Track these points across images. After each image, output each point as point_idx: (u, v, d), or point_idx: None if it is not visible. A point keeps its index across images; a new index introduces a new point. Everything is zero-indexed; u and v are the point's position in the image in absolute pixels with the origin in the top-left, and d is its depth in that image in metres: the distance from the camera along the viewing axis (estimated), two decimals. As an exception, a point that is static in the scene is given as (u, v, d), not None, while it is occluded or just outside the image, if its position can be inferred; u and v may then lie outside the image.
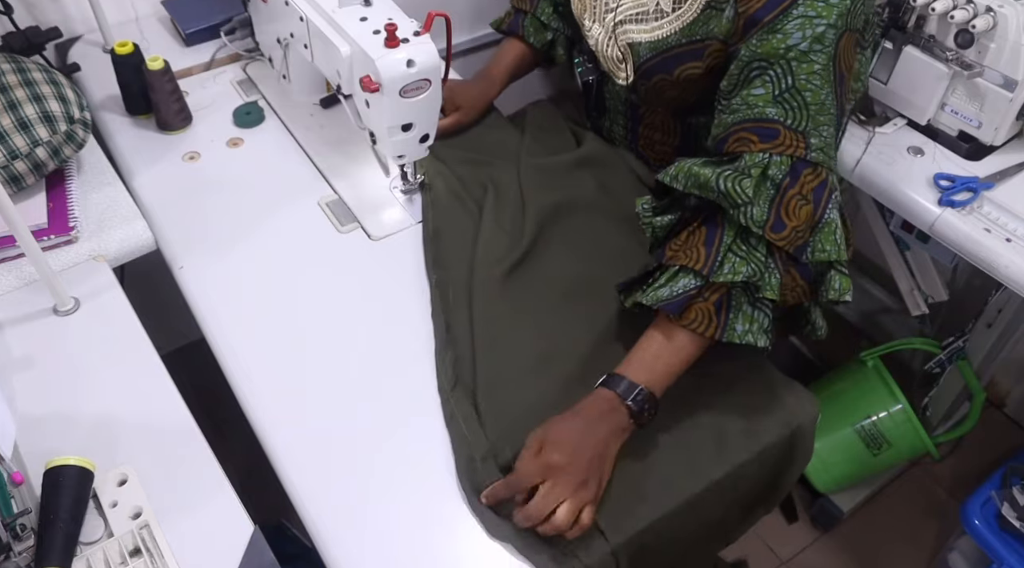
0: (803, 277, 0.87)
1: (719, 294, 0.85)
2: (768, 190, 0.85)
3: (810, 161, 0.86)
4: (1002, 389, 1.78)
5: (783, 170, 0.85)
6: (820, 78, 0.85)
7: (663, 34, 0.98)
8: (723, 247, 0.85)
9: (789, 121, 0.85)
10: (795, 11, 0.84)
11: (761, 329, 0.86)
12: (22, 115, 1.04)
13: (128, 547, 0.75)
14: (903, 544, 1.62)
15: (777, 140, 0.85)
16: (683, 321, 0.85)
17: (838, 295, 0.88)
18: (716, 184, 0.85)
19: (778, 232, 0.84)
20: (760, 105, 0.86)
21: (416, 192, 1.14)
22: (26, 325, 0.95)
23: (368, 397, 0.90)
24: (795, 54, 0.85)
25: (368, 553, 0.78)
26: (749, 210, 0.84)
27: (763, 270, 0.85)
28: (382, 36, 0.92)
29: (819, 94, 0.85)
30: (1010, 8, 1.04)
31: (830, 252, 0.87)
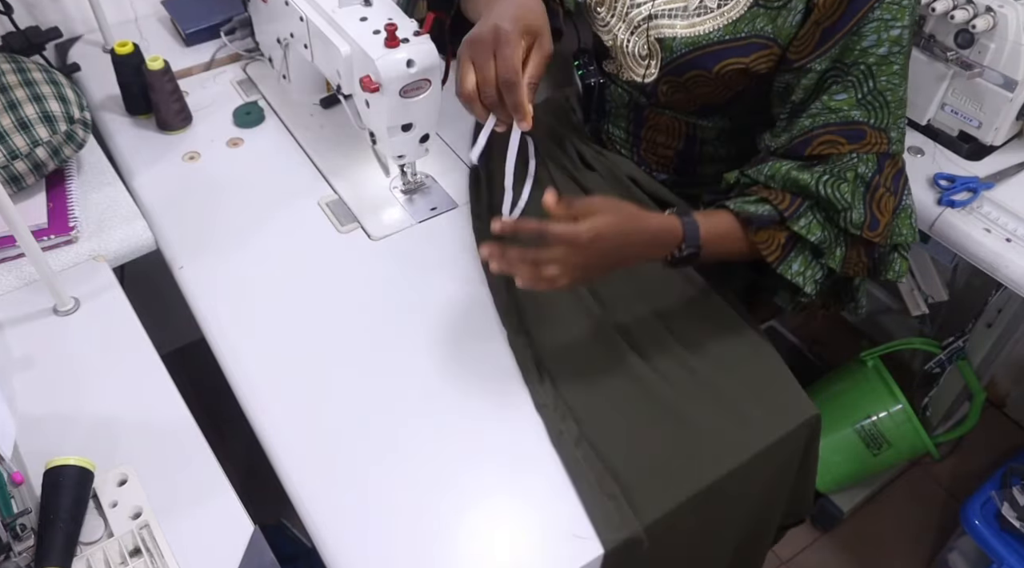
0: (868, 255, 0.92)
1: (790, 232, 0.90)
2: (859, 189, 0.89)
3: (891, 153, 0.90)
4: (1002, 389, 1.78)
5: (872, 167, 0.89)
6: (899, 77, 0.88)
7: (705, 29, 0.95)
8: (807, 204, 0.89)
9: (873, 121, 0.89)
10: (872, 15, 0.85)
11: (813, 279, 0.91)
12: (22, 115, 1.04)
13: (128, 547, 0.75)
14: (903, 544, 1.62)
15: (864, 140, 0.89)
16: (756, 237, 0.90)
17: (896, 276, 0.94)
18: (816, 189, 0.88)
19: (874, 230, 0.89)
20: (845, 109, 0.89)
21: (416, 192, 1.14)
22: (26, 325, 0.95)
23: (368, 397, 0.90)
24: (875, 59, 0.87)
25: (368, 553, 0.78)
26: (849, 215, 0.88)
27: (833, 241, 0.90)
28: (382, 36, 0.92)
29: (898, 92, 0.89)
30: (1010, 8, 1.04)
31: (907, 236, 0.92)
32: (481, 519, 0.81)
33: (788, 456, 0.92)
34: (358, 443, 0.86)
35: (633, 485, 0.81)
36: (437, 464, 0.84)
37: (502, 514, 0.82)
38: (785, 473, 0.95)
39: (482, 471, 0.84)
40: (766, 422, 0.89)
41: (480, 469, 0.84)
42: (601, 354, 0.93)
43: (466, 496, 0.82)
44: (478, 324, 0.97)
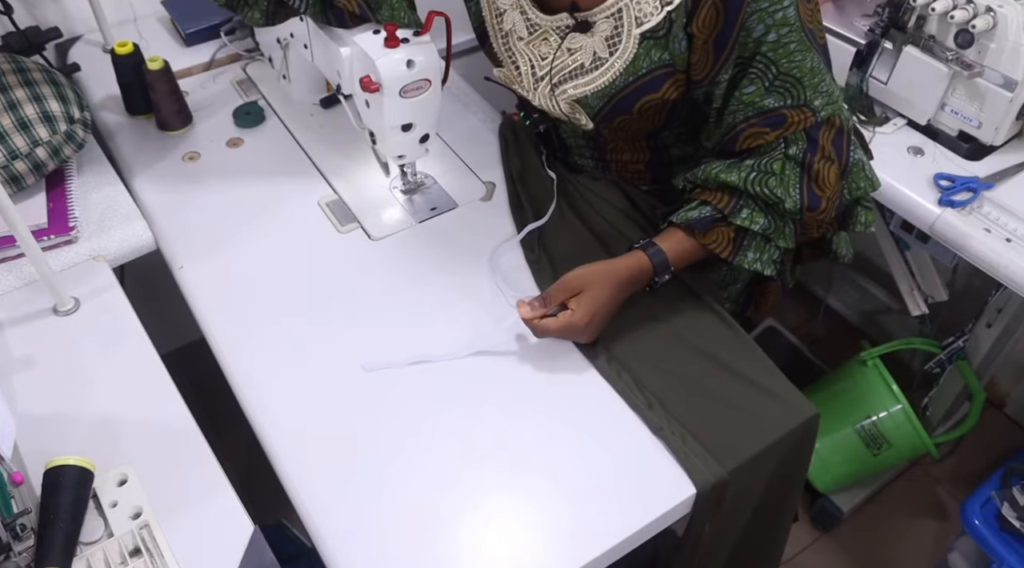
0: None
1: (740, 227, 0.93)
2: (792, 174, 0.90)
3: (821, 121, 0.89)
4: (1002, 389, 1.78)
5: (802, 145, 0.90)
6: (799, 53, 0.87)
7: (608, 79, 0.97)
8: (746, 194, 0.91)
9: (789, 101, 0.88)
10: (750, 9, 0.85)
11: (770, 260, 0.95)
12: (22, 115, 1.04)
13: (128, 547, 0.75)
14: (903, 544, 1.62)
15: (786, 123, 0.89)
16: (705, 240, 0.94)
17: (864, 227, 0.96)
18: (746, 188, 0.91)
19: (815, 209, 0.90)
20: (757, 100, 0.89)
21: (416, 192, 1.14)
22: (26, 325, 0.95)
23: (368, 397, 0.90)
24: (768, 46, 0.86)
25: (368, 553, 0.78)
26: (782, 206, 0.90)
27: (779, 223, 0.92)
28: (382, 36, 0.92)
29: (805, 65, 0.88)
30: (1010, 8, 1.04)
31: (864, 188, 0.94)
32: (481, 519, 0.81)
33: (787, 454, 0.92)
34: (358, 443, 0.86)
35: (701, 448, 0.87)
36: (437, 464, 0.84)
37: (502, 514, 0.82)
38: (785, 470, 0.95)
39: (482, 471, 0.84)
40: (769, 420, 0.89)
41: (480, 469, 0.84)
42: (647, 346, 0.96)
43: (466, 496, 0.82)
44: (478, 324, 0.97)
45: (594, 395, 0.91)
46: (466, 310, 0.99)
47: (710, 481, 0.83)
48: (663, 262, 0.94)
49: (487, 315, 0.98)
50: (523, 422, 0.88)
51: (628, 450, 0.86)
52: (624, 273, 0.92)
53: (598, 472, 0.84)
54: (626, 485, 0.84)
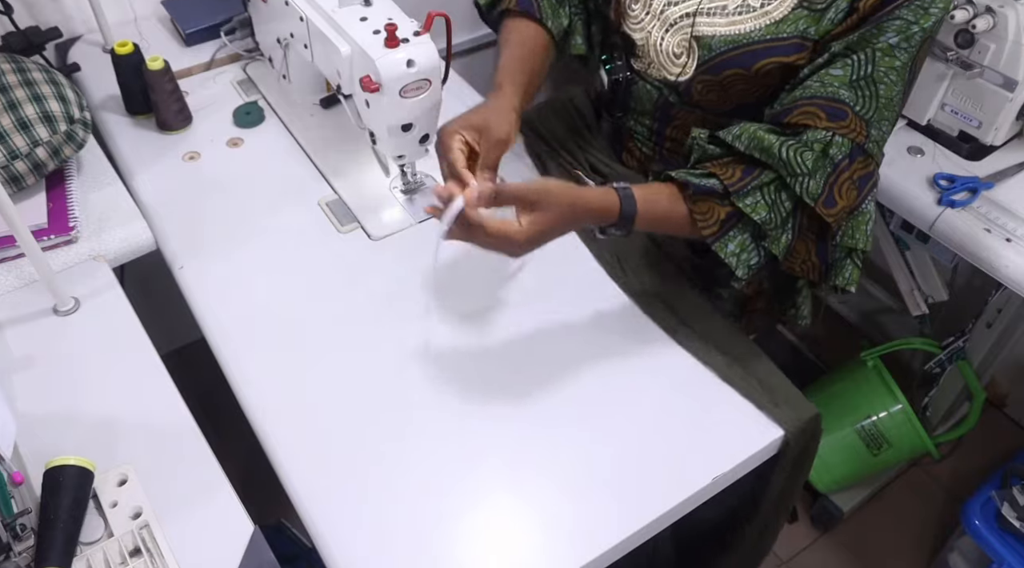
0: (819, 255, 0.90)
1: (733, 209, 0.88)
2: (826, 167, 0.87)
3: (866, 150, 0.88)
4: (1002, 389, 1.79)
5: (843, 151, 0.87)
6: (897, 74, 0.87)
7: (746, 28, 0.95)
8: (758, 183, 0.87)
9: (859, 107, 0.87)
10: (899, 12, 0.85)
11: (747, 263, 0.90)
12: (22, 115, 1.04)
13: (128, 547, 0.75)
14: (903, 544, 1.62)
15: (844, 121, 0.87)
16: (695, 207, 0.89)
17: (846, 283, 0.92)
18: (778, 151, 0.86)
19: (829, 208, 0.87)
20: (836, 85, 0.87)
21: (416, 192, 1.14)
22: (26, 325, 0.95)
23: (368, 397, 0.90)
24: (882, 46, 0.86)
25: (368, 553, 0.78)
26: (806, 182, 0.86)
27: (780, 225, 0.88)
28: (382, 36, 0.92)
29: (892, 89, 0.87)
30: (1010, 8, 1.04)
31: (859, 240, 0.90)
32: (481, 519, 0.81)
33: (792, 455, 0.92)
34: (358, 443, 0.86)
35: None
36: (437, 464, 0.84)
37: (502, 514, 0.82)
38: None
39: (482, 471, 0.84)
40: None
41: (480, 469, 0.84)
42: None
43: (467, 496, 0.82)
44: (478, 323, 0.97)
45: (595, 394, 0.91)
46: (466, 309, 0.99)
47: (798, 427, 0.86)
48: (631, 211, 0.86)
49: (487, 314, 0.98)
50: (524, 422, 0.88)
51: (628, 449, 0.86)
52: (586, 205, 0.85)
53: (598, 470, 0.84)
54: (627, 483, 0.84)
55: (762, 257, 0.90)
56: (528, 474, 0.84)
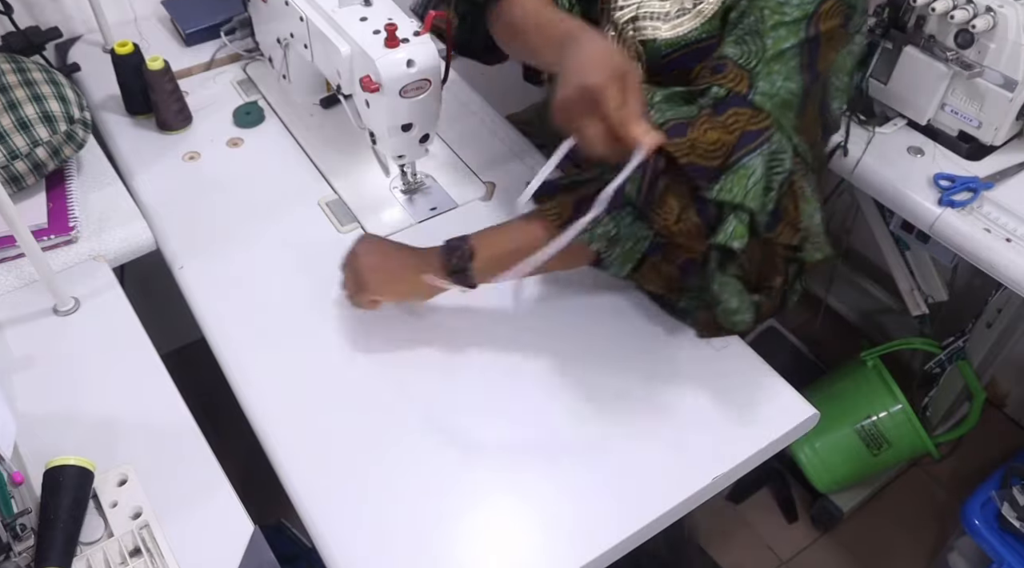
0: (699, 214, 0.81)
1: (578, 197, 0.83)
2: (687, 109, 0.81)
3: (750, 101, 0.81)
4: (1002, 389, 1.78)
5: (716, 96, 0.82)
6: (788, 30, 0.82)
7: (684, 31, 0.94)
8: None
9: (741, 60, 0.83)
10: None
11: (605, 235, 0.83)
12: (22, 115, 1.04)
13: (128, 547, 0.75)
14: (903, 544, 1.62)
15: (722, 73, 0.83)
16: (547, 210, 0.85)
17: (727, 238, 0.80)
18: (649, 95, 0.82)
19: (674, 136, 0.78)
20: (724, 45, 0.85)
21: (416, 192, 1.14)
22: (26, 325, 0.95)
23: (368, 397, 0.90)
24: (771, 4, 0.83)
25: (368, 553, 0.78)
26: (653, 96, 0.81)
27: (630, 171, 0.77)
28: (382, 36, 0.92)
29: (780, 43, 0.82)
30: (1010, 8, 1.04)
31: (736, 193, 0.79)
32: (481, 519, 0.81)
33: None
34: (358, 443, 0.86)
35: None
36: (437, 464, 0.84)
37: (502, 514, 0.82)
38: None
39: (482, 471, 0.84)
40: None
41: (480, 469, 0.84)
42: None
43: (466, 496, 0.82)
44: (478, 323, 0.97)
45: (594, 394, 0.91)
46: (466, 309, 0.99)
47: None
48: (459, 241, 0.87)
49: (487, 314, 0.98)
50: (524, 422, 0.88)
51: (628, 449, 0.86)
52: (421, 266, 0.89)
53: (598, 470, 0.85)
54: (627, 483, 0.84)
55: (622, 226, 0.83)
56: (528, 474, 0.84)
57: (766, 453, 0.88)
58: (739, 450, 0.87)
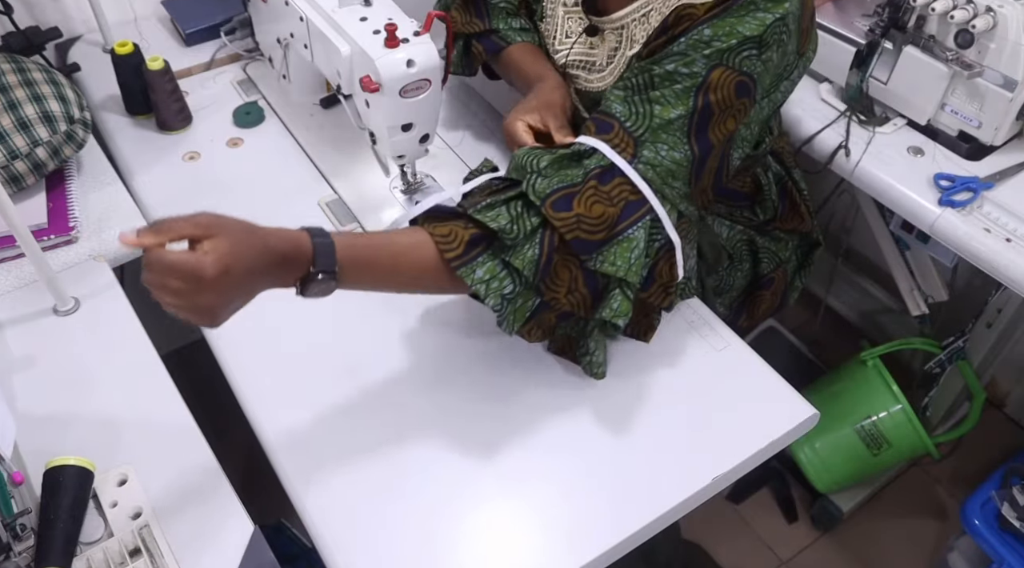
0: (587, 285, 0.82)
1: (479, 232, 0.79)
2: (573, 173, 0.81)
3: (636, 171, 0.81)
4: (1002, 389, 1.78)
5: (601, 163, 0.81)
6: (676, 97, 0.82)
7: (601, 86, 1.00)
8: (500, 198, 0.80)
9: (628, 123, 0.83)
10: (676, 48, 0.83)
11: (499, 291, 0.79)
12: (22, 115, 1.04)
13: (128, 547, 0.75)
14: (903, 544, 1.62)
15: (610, 134, 0.82)
16: (436, 230, 0.79)
17: (612, 315, 0.81)
18: (521, 159, 0.82)
19: (559, 211, 0.78)
20: (612, 100, 0.85)
21: (416, 192, 1.14)
22: (26, 325, 0.95)
23: (368, 397, 0.90)
24: (659, 72, 0.83)
25: (368, 553, 0.78)
26: (535, 179, 0.80)
27: (524, 238, 0.78)
28: (382, 36, 0.92)
29: (668, 111, 0.82)
30: (1010, 8, 1.04)
31: (619, 267, 0.80)
32: (481, 519, 0.81)
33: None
34: (358, 443, 0.86)
35: None
36: (437, 464, 0.84)
37: (502, 514, 0.82)
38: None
39: (482, 471, 0.84)
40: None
41: (480, 469, 0.84)
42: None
43: (466, 496, 0.82)
44: (479, 324, 0.97)
45: (594, 395, 0.91)
46: (467, 309, 0.99)
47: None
48: (327, 246, 0.72)
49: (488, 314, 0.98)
50: (525, 423, 0.88)
51: (627, 449, 0.86)
52: (267, 232, 0.71)
53: (598, 471, 0.85)
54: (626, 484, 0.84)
55: (517, 285, 0.79)
56: (527, 475, 0.84)
57: (766, 453, 0.88)
58: (739, 450, 0.87)
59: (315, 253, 0.72)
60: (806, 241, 1.19)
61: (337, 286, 0.75)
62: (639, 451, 0.86)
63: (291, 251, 0.71)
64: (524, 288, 0.80)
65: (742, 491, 1.67)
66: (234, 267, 0.66)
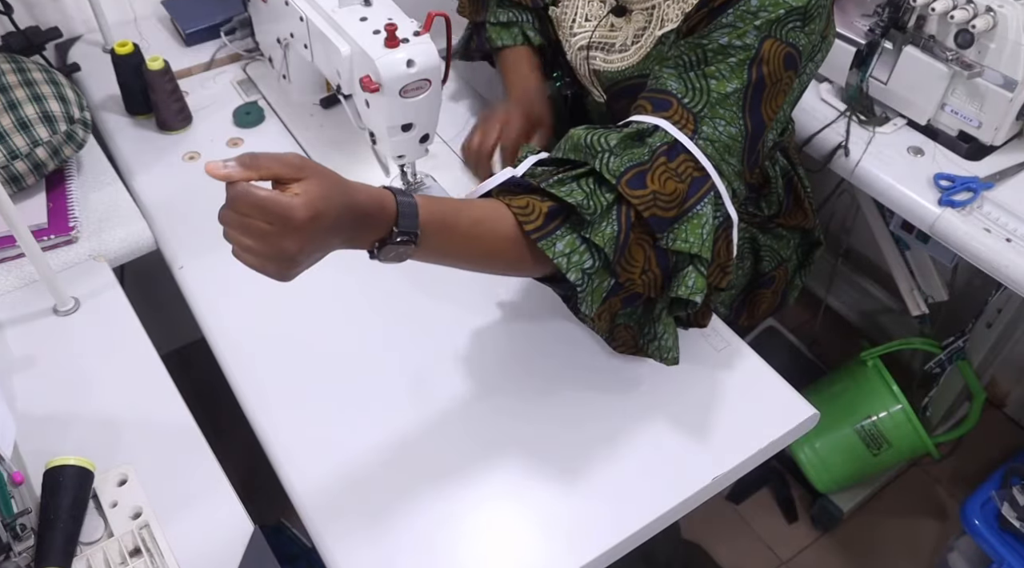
0: (659, 264, 0.81)
1: (556, 204, 0.78)
2: (639, 151, 0.79)
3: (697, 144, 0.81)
4: (1002, 389, 1.78)
5: (666, 140, 0.80)
6: (732, 71, 0.81)
7: (623, 66, 0.99)
8: (571, 175, 0.79)
9: (687, 99, 0.82)
10: (725, 20, 0.83)
11: (579, 265, 0.77)
12: (22, 115, 1.04)
13: (128, 547, 0.75)
14: (903, 544, 1.62)
15: (668, 111, 0.81)
16: (513, 202, 0.77)
17: (688, 292, 0.80)
18: (584, 140, 0.80)
19: (635, 188, 0.77)
20: (665, 77, 0.84)
21: (416, 192, 1.13)
22: (26, 325, 0.95)
23: (368, 396, 0.90)
24: (712, 46, 0.83)
25: (368, 553, 0.78)
26: (607, 158, 0.78)
27: (601, 214, 0.77)
28: (382, 36, 0.92)
29: (724, 86, 0.81)
30: (1010, 8, 1.04)
31: (692, 244, 0.79)
32: (481, 519, 0.81)
33: None
34: (358, 443, 0.86)
35: None
36: (437, 465, 0.84)
37: (502, 514, 0.82)
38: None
39: (482, 471, 0.84)
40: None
41: (480, 469, 0.84)
42: None
43: (466, 496, 0.82)
44: (480, 324, 0.97)
45: (593, 395, 0.91)
46: (467, 310, 0.99)
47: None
48: (412, 213, 0.69)
49: (488, 314, 0.98)
50: (525, 423, 0.88)
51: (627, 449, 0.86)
52: (359, 194, 0.67)
53: (598, 471, 0.85)
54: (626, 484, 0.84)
55: (596, 260, 0.78)
56: (527, 475, 0.84)
57: (766, 453, 0.88)
58: (739, 450, 0.87)
59: (398, 213, 0.69)
60: (807, 240, 1.19)
61: (414, 251, 0.72)
62: (639, 451, 0.86)
63: (375, 208, 0.68)
64: (602, 266, 0.78)
65: (742, 491, 1.67)
66: (324, 214, 0.63)
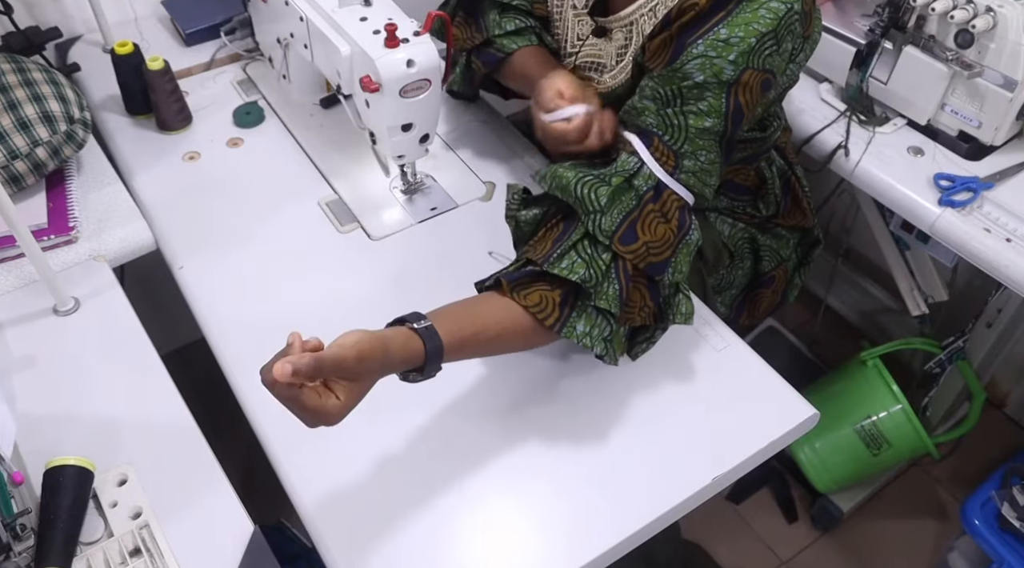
0: (652, 298, 0.86)
1: (564, 289, 0.83)
2: (629, 201, 0.84)
3: (680, 182, 0.86)
4: (1002, 389, 1.78)
5: (650, 184, 0.85)
6: (710, 107, 0.84)
7: (613, 85, 1.01)
8: (568, 244, 0.83)
9: (667, 138, 0.85)
10: (695, 50, 0.84)
11: (600, 336, 0.84)
12: (22, 115, 1.04)
13: (128, 547, 0.75)
14: (903, 544, 1.62)
15: (650, 148, 0.86)
16: (527, 303, 0.82)
17: (684, 319, 0.87)
18: (574, 189, 0.84)
19: (627, 244, 0.83)
20: (644, 113, 0.87)
21: (416, 192, 1.14)
22: (26, 325, 0.95)
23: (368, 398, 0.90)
24: (688, 83, 0.84)
25: (368, 553, 0.78)
26: (598, 219, 0.83)
27: (602, 278, 0.82)
28: (382, 36, 0.92)
29: (703, 120, 0.85)
30: (1010, 8, 1.04)
31: (684, 273, 0.87)
32: (481, 519, 0.81)
33: None
34: (358, 443, 0.86)
35: None
36: (437, 464, 0.84)
37: (502, 514, 0.82)
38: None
39: (481, 471, 0.84)
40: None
41: (479, 469, 0.84)
42: None
43: (466, 496, 0.82)
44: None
45: (593, 395, 0.91)
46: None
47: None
48: (437, 350, 0.75)
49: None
50: (525, 423, 0.88)
51: (627, 449, 0.86)
52: (394, 358, 0.74)
53: (597, 471, 0.85)
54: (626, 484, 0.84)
55: (613, 323, 0.84)
56: (526, 475, 0.84)
57: (766, 453, 0.88)
58: (739, 450, 0.87)
59: (427, 359, 0.75)
60: (806, 239, 1.19)
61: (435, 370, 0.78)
62: (639, 451, 0.86)
63: (407, 361, 0.75)
64: (616, 324, 0.84)
65: (742, 491, 1.67)
66: (358, 400, 0.73)
